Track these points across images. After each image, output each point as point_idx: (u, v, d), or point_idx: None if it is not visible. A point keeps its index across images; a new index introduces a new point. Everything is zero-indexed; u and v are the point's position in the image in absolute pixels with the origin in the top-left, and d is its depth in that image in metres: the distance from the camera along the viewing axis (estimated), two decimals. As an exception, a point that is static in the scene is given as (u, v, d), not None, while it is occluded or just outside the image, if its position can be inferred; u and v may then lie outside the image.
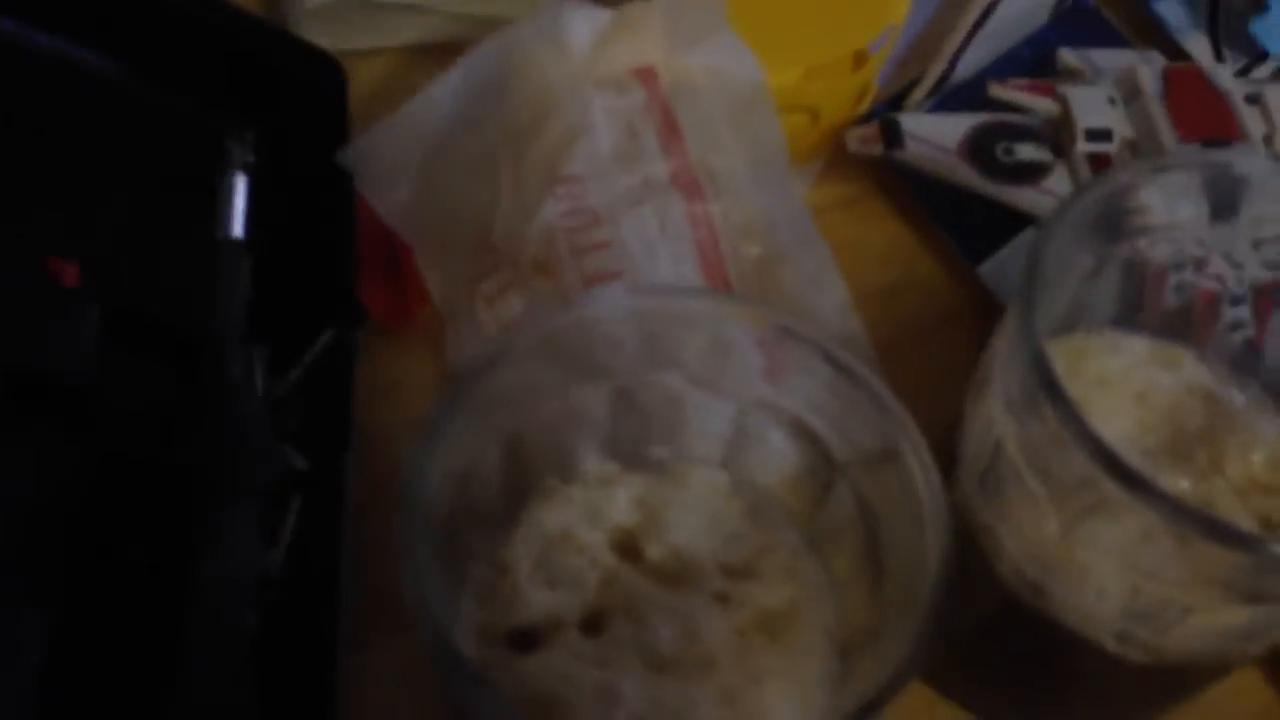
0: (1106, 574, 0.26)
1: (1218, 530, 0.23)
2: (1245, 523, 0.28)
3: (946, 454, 0.30)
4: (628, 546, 0.28)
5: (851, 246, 0.41)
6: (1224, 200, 0.30)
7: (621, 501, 0.28)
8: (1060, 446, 0.25)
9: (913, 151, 0.40)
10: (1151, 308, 0.31)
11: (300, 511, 0.34)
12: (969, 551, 0.29)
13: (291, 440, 0.35)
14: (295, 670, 0.32)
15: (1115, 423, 0.29)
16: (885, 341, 0.38)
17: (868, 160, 0.42)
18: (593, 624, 0.27)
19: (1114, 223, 0.29)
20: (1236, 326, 0.31)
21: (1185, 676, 0.29)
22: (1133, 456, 0.28)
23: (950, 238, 0.41)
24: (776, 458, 0.28)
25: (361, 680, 0.32)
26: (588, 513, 0.28)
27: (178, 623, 0.30)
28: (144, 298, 0.34)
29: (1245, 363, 0.30)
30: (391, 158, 0.38)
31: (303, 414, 0.36)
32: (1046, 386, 0.24)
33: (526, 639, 0.27)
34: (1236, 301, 0.31)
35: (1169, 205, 0.30)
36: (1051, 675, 0.30)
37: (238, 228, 0.35)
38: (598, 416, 0.28)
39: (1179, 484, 0.28)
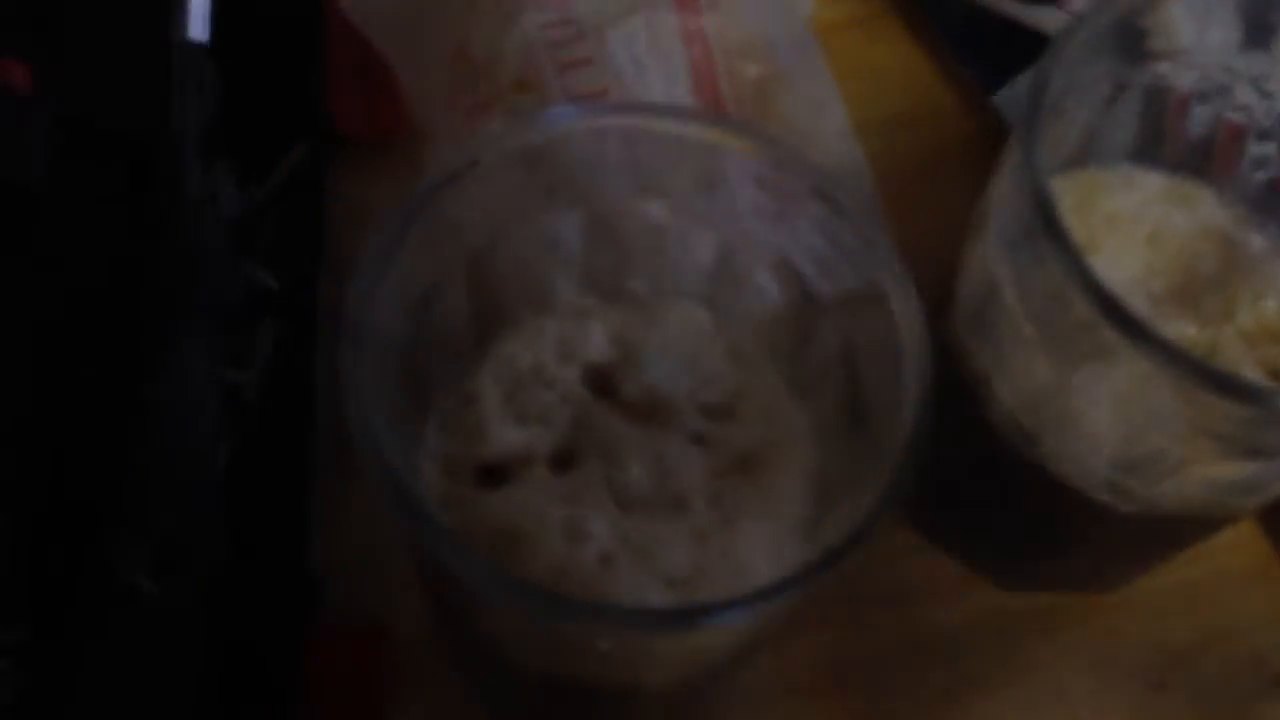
0: (1101, 423, 0.25)
1: (1218, 380, 0.22)
2: (1250, 372, 0.26)
3: (946, 294, 0.29)
4: (602, 383, 0.27)
5: (861, 70, 0.39)
6: (1260, 23, 0.28)
7: (597, 336, 0.27)
8: (1057, 289, 0.23)
9: (928, -37, 0.37)
10: (1172, 141, 0.29)
11: (274, 336, 0.33)
12: (961, 398, 0.28)
13: (260, 259, 0.34)
14: (270, 499, 0.31)
15: (1122, 264, 0.27)
16: (891, 172, 0.36)
17: (882, -26, 0.39)
18: (563, 461, 0.26)
19: (1134, 44, 0.26)
20: (1261, 163, 0.29)
21: (1178, 528, 0.28)
22: (1137, 301, 0.27)
23: (966, 63, 0.39)
24: (760, 296, 0.27)
25: (340, 513, 0.31)
26: (560, 346, 0.27)
27: (134, 447, 0.29)
28: (98, 103, 0.32)
29: (1266, 203, 0.28)
30: (364, -48, 0.36)
31: (273, 232, 0.34)
32: (1046, 224, 0.23)
33: (494, 474, 0.26)
34: (1263, 136, 0.29)
35: (1198, 27, 0.27)
36: (1040, 523, 0.29)
37: (199, 30, 0.33)
38: (573, 245, 0.27)
39: (1184, 331, 0.27)
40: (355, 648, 0.30)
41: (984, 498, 0.30)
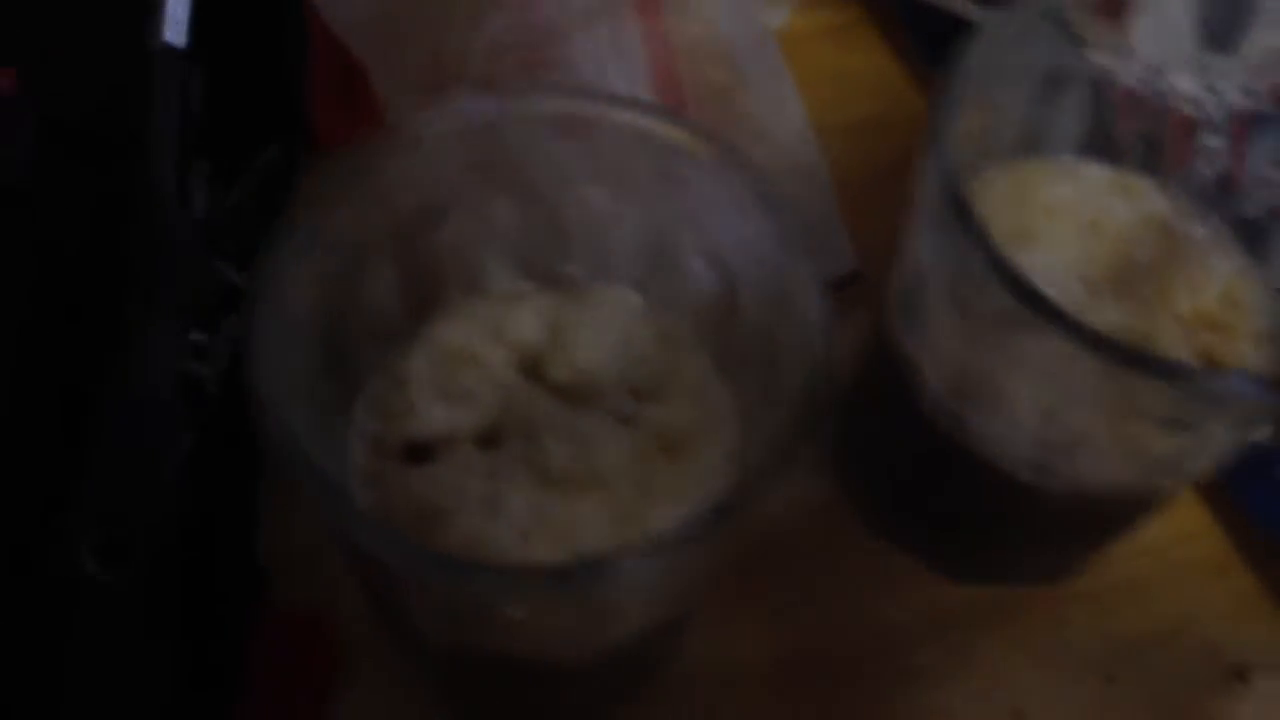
0: (1019, 401, 0.24)
1: (1123, 354, 0.21)
2: (1184, 357, 0.26)
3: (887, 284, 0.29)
4: (532, 366, 0.27)
5: (834, 76, 0.40)
6: (1211, 17, 0.28)
7: (528, 319, 0.27)
8: (972, 271, 0.23)
9: (898, -28, 0.37)
10: (1120, 133, 0.29)
11: (239, 331, 0.34)
12: (900, 389, 0.28)
13: (230, 257, 0.34)
14: (223, 491, 0.32)
15: (1058, 252, 0.27)
16: (859, 176, 0.36)
17: (855, -16, 0.40)
18: (490, 441, 0.26)
19: (1071, 35, 0.26)
20: (1211, 157, 0.28)
21: (1105, 509, 0.27)
22: (1072, 286, 0.27)
23: (937, 71, 0.39)
24: (691, 283, 0.27)
25: (284, 509, 0.31)
26: (491, 329, 0.27)
27: (97, 436, 0.29)
28: (79, 106, 0.33)
29: (1210, 195, 0.28)
30: (345, -34, 0.37)
31: (243, 231, 0.35)
32: (954, 208, 0.23)
33: (422, 452, 0.26)
34: (1214, 130, 0.28)
35: (1150, 20, 0.27)
36: (975, 509, 0.29)
37: (178, 35, 0.34)
38: (509, 227, 0.27)
39: (1120, 318, 0.26)
40: (297, 638, 0.30)
41: (924, 487, 0.30)
